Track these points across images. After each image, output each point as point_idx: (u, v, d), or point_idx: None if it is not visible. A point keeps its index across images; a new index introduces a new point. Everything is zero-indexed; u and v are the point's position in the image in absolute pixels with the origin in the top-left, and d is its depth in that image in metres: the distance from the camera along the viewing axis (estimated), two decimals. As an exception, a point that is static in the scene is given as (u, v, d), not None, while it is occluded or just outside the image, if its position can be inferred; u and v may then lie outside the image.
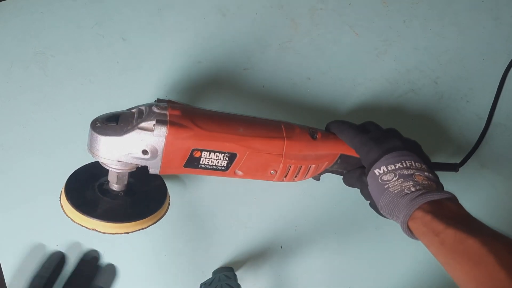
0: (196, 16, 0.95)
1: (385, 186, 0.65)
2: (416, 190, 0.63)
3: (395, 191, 0.64)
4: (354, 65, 0.95)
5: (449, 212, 0.60)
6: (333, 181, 0.85)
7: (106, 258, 0.85)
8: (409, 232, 0.62)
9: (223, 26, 0.95)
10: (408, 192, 0.63)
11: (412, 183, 0.64)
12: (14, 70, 0.91)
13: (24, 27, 0.92)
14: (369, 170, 0.69)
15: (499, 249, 0.52)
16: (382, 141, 0.71)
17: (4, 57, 0.91)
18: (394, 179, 0.65)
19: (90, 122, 0.65)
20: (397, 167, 0.66)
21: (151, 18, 0.94)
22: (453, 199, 0.63)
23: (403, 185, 0.64)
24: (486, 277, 0.52)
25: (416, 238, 0.62)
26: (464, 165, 0.91)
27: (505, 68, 0.95)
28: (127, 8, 0.94)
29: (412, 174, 0.65)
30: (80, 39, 0.93)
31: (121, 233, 0.68)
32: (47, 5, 0.93)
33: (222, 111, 0.74)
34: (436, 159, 0.90)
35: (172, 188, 0.86)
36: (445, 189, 0.67)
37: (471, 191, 0.92)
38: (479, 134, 0.93)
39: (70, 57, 0.92)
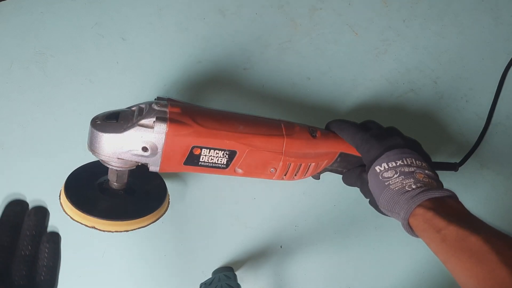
0: (196, 16, 0.95)
1: (386, 183, 0.65)
2: (417, 187, 0.63)
3: (396, 188, 0.64)
4: (354, 65, 0.95)
5: (450, 210, 0.60)
6: (333, 180, 0.85)
7: (106, 258, 0.85)
8: (410, 229, 0.62)
9: (223, 26, 0.95)
10: (409, 189, 0.63)
11: (413, 181, 0.64)
12: (14, 70, 0.91)
13: (24, 27, 0.92)
14: (369, 167, 0.69)
15: (501, 247, 0.52)
16: (383, 138, 0.71)
17: (4, 57, 0.91)
18: (395, 176, 0.65)
19: (90, 120, 0.65)
20: (398, 164, 0.66)
21: (151, 18, 0.94)
22: (453, 197, 0.63)
23: (404, 182, 0.64)
24: (487, 274, 0.52)
25: (416, 236, 0.62)
26: (464, 164, 0.91)
27: (504, 68, 0.95)
28: (127, 8, 0.94)
29: (413, 172, 0.65)
30: (80, 39, 0.93)
31: (121, 231, 0.68)
32: (47, 5, 0.93)
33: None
34: (436, 158, 0.90)
35: (172, 188, 0.85)
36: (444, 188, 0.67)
37: (470, 191, 0.92)
38: (479, 134, 0.93)
39: (70, 57, 0.92)
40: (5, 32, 0.92)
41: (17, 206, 0.52)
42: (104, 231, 0.67)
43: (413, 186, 0.63)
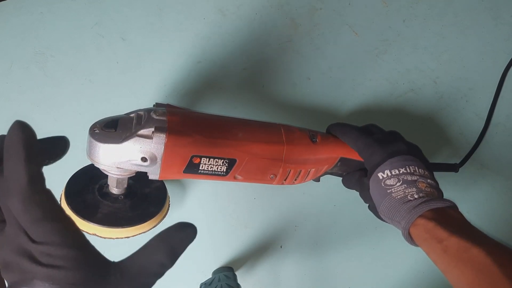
0: (196, 16, 0.94)
1: (388, 191, 0.66)
2: (419, 197, 0.63)
3: (398, 197, 0.64)
4: (354, 65, 0.95)
5: (452, 220, 0.60)
6: (333, 181, 0.85)
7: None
8: (410, 238, 0.63)
9: (223, 26, 0.94)
10: (411, 198, 0.63)
11: (415, 190, 0.64)
12: (14, 70, 0.91)
13: (24, 27, 0.92)
14: (371, 173, 0.69)
15: (504, 260, 0.53)
16: (386, 144, 0.71)
17: (4, 57, 0.91)
18: (398, 184, 0.65)
19: (89, 127, 0.65)
20: (401, 172, 0.66)
21: (151, 18, 0.94)
22: (454, 207, 0.63)
23: (406, 191, 0.64)
24: (489, 286, 0.52)
25: (416, 245, 0.63)
26: (464, 165, 0.91)
27: (504, 68, 0.95)
28: (127, 8, 0.94)
29: (415, 181, 0.65)
30: (80, 39, 0.92)
31: (122, 238, 0.68)
32: (47, 5, 0.93)
33: (222, 113, 0.74)
34: (436, 159, 0.90)
35: (172, 189, 0.86)
36: (444, 189, 0.67)
37: (471, 191, 0.92)
38: (479, 134, 0.93)
39: (70, 57, 0.92)
40: (5, 32, 0.92)
41: None
42: (105, 238, 0.67)
43: (415, 196, 0.63)
